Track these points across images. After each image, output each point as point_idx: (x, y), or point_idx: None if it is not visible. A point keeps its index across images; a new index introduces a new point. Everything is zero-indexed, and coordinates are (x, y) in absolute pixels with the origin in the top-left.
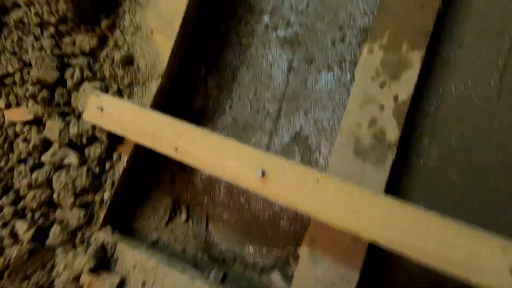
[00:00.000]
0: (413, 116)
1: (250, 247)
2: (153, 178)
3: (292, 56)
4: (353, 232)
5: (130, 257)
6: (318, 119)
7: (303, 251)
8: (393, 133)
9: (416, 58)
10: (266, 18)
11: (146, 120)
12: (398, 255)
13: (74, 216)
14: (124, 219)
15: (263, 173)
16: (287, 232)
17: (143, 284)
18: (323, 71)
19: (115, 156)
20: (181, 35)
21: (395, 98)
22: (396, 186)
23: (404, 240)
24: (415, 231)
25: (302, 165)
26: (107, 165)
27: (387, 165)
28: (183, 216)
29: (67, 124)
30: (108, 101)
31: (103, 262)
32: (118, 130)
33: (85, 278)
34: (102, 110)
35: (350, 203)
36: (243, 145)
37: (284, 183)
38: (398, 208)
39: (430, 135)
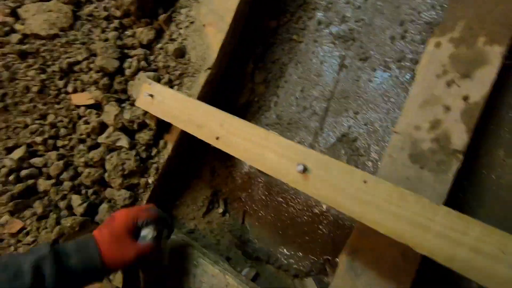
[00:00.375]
0: (487, 121)
1: (286, 249)
2: (194, 168)
3: (345, 53)
4: (404, 242)
5: (167, 241)
6: (369, 121)
7: (343, 260)
8: (460, 138)
9: (495, 53)
10: (319, 14)
11: (192, 109)
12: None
13: (121, 197)
14: (165, 206)
15: (305, 169)
16: (325, 238)
17: (176, 270)
18: (378, 69)
19: (161, 143)
20: (232, 29)
21: (465, 98)
22: (457, 201)
23: (470, 261)
24: (484, 251)
25: (347, 164)
26: (153, 151)
27: (450, 174)
28: (221, 209)
29: (122, 110)
30: (159, 90)
31: None
32: (166, 117)
33: None
34: (153, 98)
35: (403, 209)
36: (284, 139)
37: (327, 181)
38: (464, 223)
39: (507, 145)
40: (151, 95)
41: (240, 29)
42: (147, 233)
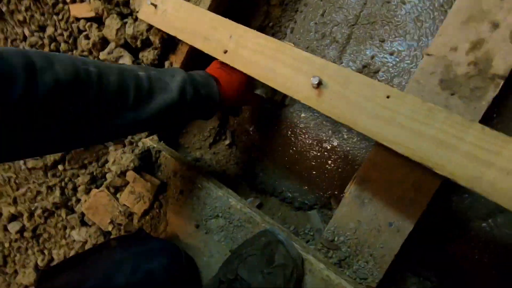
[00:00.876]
0: None
1: (291, 182)
2: None
3: None
4: (424, 163)
5: (172, 165)
6: (396, 50)
7: (350, 189)
8: (503, 61)
9: None
10: None
11: (198, 19)
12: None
13: None
14: (171, 133)
15: (320, 83)
16: (333, 173)
17: (181, 192)
18: None
19: (166, 64)
20: None
21: None
22: None
23: (498, 182)
24: None
25: (368, 78)
26: None
27: (484, 102)
28: (228, 141)
29: (124, 25)
30: None
31: (148, 165)
32: (169, 30)
33: (130, 175)
34: (157, 8)
35: (428, 127)
36: (301, 51)
37: (345, 97)
38: (499, 142)
39: None
40: (155, 5)
41: None
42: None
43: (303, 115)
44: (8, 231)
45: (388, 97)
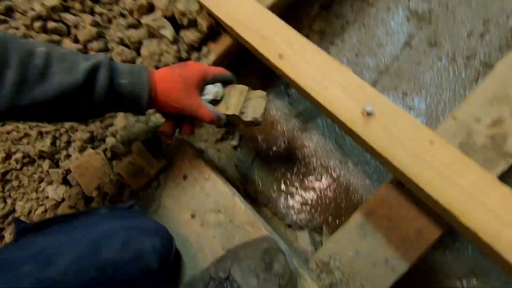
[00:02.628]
0: None
1: (287, 199)
2: None
3: (415, 32)
4: (453, 211)
5: (182, 148)
6: (414, 106)
7: (356, 217)
8: None
9: None
10: None
11: (261, 17)
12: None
13: None
14: None
15: (369, 112)
16: (331, 201)
17: (184, 177)
18: (444, 59)
19: (204, 50)
20: None
21: None
22: None
23: None
24: None
25: (415, 119)
26: (193, 56)
27: (493, 173)
28: (234, 142)
29: None
30: None
31: (154, 140)
32: (228, 20)
33: (137, 146)
34: None
35: (462, 178)
36: (357, 77)
37: (390, 131)
38: None
39: None
40: None
41: None
42: (212, 90)
43: (315, 138)
44: None
45: (431, 142)
